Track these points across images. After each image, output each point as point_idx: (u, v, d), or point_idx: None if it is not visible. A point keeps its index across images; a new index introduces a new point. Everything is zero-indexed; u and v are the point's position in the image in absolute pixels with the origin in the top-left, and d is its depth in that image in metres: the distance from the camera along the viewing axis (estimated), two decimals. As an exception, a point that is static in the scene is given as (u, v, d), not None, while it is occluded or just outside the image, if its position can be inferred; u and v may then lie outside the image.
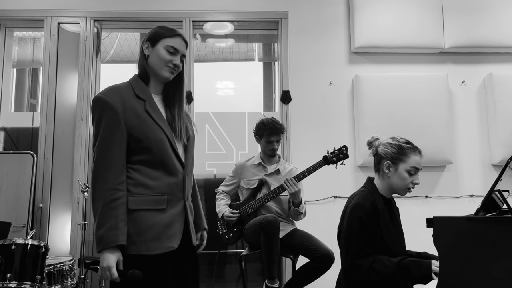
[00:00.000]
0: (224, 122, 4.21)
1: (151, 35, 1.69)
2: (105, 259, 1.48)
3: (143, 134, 1.58)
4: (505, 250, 1.37)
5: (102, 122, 1.57)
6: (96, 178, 1.54)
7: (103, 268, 1.48)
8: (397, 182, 1.92)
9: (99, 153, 1.56)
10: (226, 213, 3.04)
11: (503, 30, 3.82)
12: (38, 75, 4.57)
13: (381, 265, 1.76)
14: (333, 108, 3.82)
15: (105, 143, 1.55)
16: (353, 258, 1.82)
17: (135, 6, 3.88)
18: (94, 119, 1.61)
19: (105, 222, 1.48)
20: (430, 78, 3.74)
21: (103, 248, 1.48)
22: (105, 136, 1.56)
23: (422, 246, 2.10)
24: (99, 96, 1.60)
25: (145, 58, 1.68)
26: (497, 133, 3.69)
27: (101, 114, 1.58)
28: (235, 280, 3.96)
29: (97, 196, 1.52)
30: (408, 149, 1.92)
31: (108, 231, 1.48)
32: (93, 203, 1.53)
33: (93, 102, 1.61)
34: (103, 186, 1.52)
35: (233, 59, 4.68)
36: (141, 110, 1.61)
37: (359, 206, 1.87)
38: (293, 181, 2.78)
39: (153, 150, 1.59)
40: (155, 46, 1.67)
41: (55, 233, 3.72)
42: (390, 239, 1.88)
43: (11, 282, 2.51)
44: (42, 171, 3.66)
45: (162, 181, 1.60)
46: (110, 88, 1.65)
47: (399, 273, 1.73)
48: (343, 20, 3.94)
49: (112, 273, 1.47)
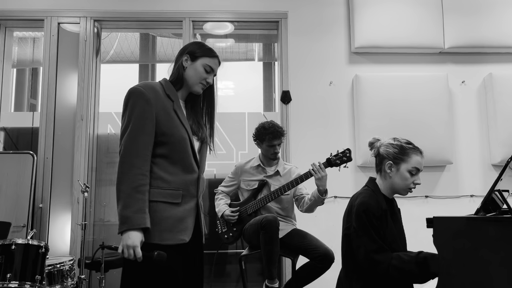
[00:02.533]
0: (224, 122, 4.21)
1: (192, 50, 1.80)
2: (130, 237, 1.52)
3: (169, 130, 1.67)
4: (505, 250, 1.37)
5: (135, 111, 1.64)
6: (124, 162, 1.60)
7: (127, 246, 1.52)
8: (398, 182, 1.94)
9: (130, 138, 1.62)
10: (226, 212, 3.04)
11: (503, 30, 3.82)
12: (38, 75, 4.56)
13: (400, 261, 1.77)
14: (333, 108, 3.82)
15: (137, 130, 1.62)
16: (371, 253, 1.81)
17: (135, 6, 3.88)
18: (126, 109, 1.67)
19: (133, 204, 1.54)
20: (430, 78, 3.74)
21: (128, 228, 1.53)
22: (137, 123, 1.63)
23: (422, 246, 2.10)
24: (137, 87, 1.69)
25: (183, 68, 1.79)
26: (497, 133, 3.69)
27: (135, 103, 1.65)
28: (235, 280, 3.96)
29: (125, 179, 1.57)
30: (410, 149, 1.93)
31: (135, 213, 1.54)
32: (119, 185, 1.58)
33: (129, 93, 1.69)
34: (132, 170, 1.58)
35: (233, 59, 4.68)
36: (170, 108, 1.71)
37: (366, 203, 1.87)
38: (320, 166, 2.76)
39: (175, 146, 1.68)
40: (194, 62, 1.78)
41: (55, 233, 3.72)
42: (392, 239, 1.88)
43: (11, 282, 2.51)
44: (42, 171, 3.66)
45: (178, 177, 1.68)
46: (146, 83, 1.74)
47: (417, 268, 1.74)
48: (343, 20, 3.93)
49: (136, 252, 1.52)
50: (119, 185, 1.58)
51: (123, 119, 1.69)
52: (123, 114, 1.70)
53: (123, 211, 1.55)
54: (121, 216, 1.55)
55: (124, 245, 1.53)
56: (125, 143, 1.63)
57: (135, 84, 1.73)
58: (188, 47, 1.83)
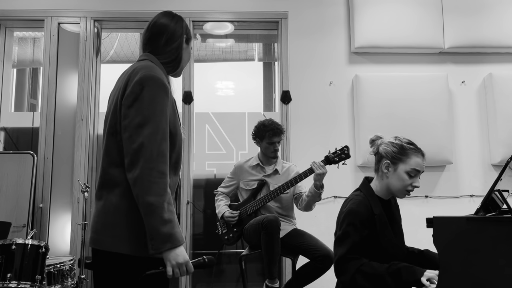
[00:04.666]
0: (224, 122, 4.21)
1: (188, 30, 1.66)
2: (180, 255, 1.35)
3: (175, 130, 1.47)
4: (505, 250, 1.37)
5: (156, 105, 1.39)
6: (152, 168, 1.34)
7: (179, 264, 1.35)
8: (395, 183, 1.86)
9: (156, 140, 1.36)
10: (226, 214, 3.04)
11: (503, 30, 3.82)
12: (38, 75, 4.57)
13: (370, 267, 1.73)
14: (333, 108, 3.82)
15: (163, 131, 1.38)
16: (340, 262, 1.78)
17: (135, 6, 3.88)
18: (141, 98, 1.38)
19: (170, 219, 1.35)
20: (430, 78, 3.74)
21: (172, 246, 1.34)
22: (161, 122, 1.38)
23: (422, 246, 2.10)
24: (153, 74, 1.42)
25: (182, 50, 1.60)
26: (497, 133, 3.69)
27: (156, 95, 1.40)
28: (235, 280, 3.96)
29: (154, 189, 1.33)
30: (410, 149, 1.86)
31: (176, 228, 1.36)
32: (147, 196, 1.32)
33: (146, 79, 1.41)
34: (162, 179, 1.35)
35: (233, 59, 4.68)
36: (174, 102, 1.51)
37: (352, 212, 1.82)
38: (321, 163, 2.76)
39: (176, 147, 1.49)
40: (189, 44, 1.65)
41: (55, 233, 3.73)
42: (388, 243, 1.84)
43: (11, 282, 2.51)
44: (42, 171, 3.66)
45: (172, 180, 1.48)
46: (157, 69, 1.48)
47: (388, 276, 1.68)
48: (343, 20, 3.94)
49: (189, 267, 1.38)
50: (147, 197, 1.32)
51: (134, 109, 1.38)
52: (134, 102, 1.39)
53: (162, 227, 1.32)
54: (162, 233, 1.32)
55: (175, 264, 1.35)
56: (149, 144, 1.35)
57: (146, 70, 1.44)
58: (183, 26, 1.63)
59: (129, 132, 1.37)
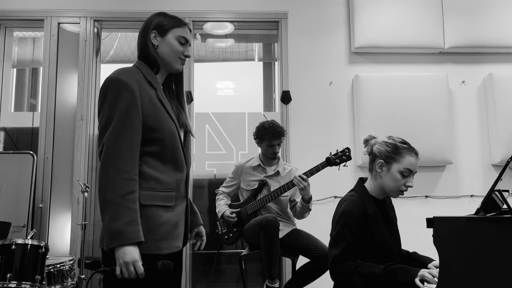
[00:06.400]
0: (224, 122, 4.21)
1: (158, 23, 1.59)
2: (127, 253, 1.32)
3: (157, 124, 1.47)
4: (505, 250, 1.37)
5: (118, 105, 1.42)
6: (108, 165, 1.38)
7: (126, 263, 1.32)
8: (388, 183, 1.86)
9: (114, 137, 1.39)
10: (226, 213, 3.04)
11: (503, 30, 3.82)
12: (38, 75, 4.56)
13: (366, 268, 1.72)
14: (333, 108, 3.82)
15: (122, 128, 1.40)
16: (335, 263, 1.78)
17: (135, 6, 3.88)
18: (104, 102, 1.44)
19: (123, 215, 1.33)
20: (430, 78, 3.74)
21: (120, 243, 1.32)
22: (121, 120, 1.41)
23: (422, 246, 2.10)
24: (115, 76, 1.46)
25: (153, 48, 1.57)
26: (497, 133, 3.69)
27: (118, 96, 1.42)
28: (235, 280, 3.96)
29: (111, 186, 1.35)
30: (404, 149, 1.85)
31: (127, 226, 1.33)
32: (103, 193, 1.36)
33: (107, 82, 1.46)
34: (119, 175, 1.36)
35: (233, 59, 4.68)
36: (154, 98, 1.50)
37: (347, 213, 1.82)
38: (302, 177, 2.78)
39: (165, 142, 1.48)
40: (165, 36, 1.58)
41: (55, 233, 3.72)
42: (383, 243, 1.84)
43: (11, 282, 2.51)
44: (42, 171, 3.66)
45: (170, 176, 1.49)
46: (124, 70, 1.51)
47: (384, 277, 1.68)
48: (343, 20, 3.93)
49: (138, 268, 1.34)
50: (103, 193, 1.36)
51: (101, 114, 1.44)
52: (100, 108, 1.45)
53: (111, 223, 1.33)
54: (110, 230, 1.33)
55: (122, 263, 1.33)
56: (107, 143, 1.39)
57: (111, 74, 1.48)
58: (152, 21, 1.59)
59: (99, 136, 1.45)
